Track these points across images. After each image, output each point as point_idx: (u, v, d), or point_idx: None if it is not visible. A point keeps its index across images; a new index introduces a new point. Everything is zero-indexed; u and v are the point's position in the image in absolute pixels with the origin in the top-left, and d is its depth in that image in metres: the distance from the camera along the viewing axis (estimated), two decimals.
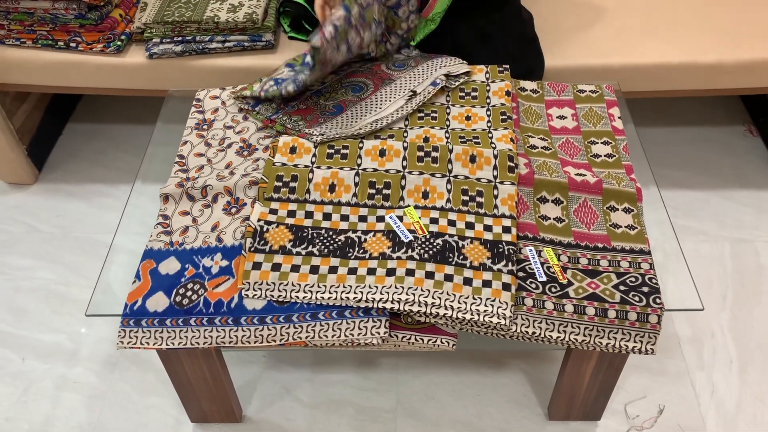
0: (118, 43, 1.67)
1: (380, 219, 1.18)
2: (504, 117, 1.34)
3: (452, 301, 1.06)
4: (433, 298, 1.06)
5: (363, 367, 1.55)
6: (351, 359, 1.56)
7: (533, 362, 1.55)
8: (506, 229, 1.14)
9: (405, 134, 1.32)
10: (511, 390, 1.50)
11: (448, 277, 1.09)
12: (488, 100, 1.39)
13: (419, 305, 1.06)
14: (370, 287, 1.08)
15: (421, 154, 1.25)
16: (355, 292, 1.08)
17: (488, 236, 1.14)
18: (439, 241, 1.13)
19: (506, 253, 1.11)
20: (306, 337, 1.08)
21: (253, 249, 1.14)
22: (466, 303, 1.06)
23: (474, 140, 1.29)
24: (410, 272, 1.09)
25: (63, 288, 1.73)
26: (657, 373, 1.52)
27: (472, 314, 1.05)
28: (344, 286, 1.09)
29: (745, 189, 1.93)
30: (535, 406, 1.47)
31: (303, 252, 1.14)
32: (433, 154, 1.25)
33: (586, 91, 1.45)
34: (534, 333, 1.08)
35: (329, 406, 1.48)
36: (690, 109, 2.18)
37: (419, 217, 1.16)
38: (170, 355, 1.23)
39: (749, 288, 1.69)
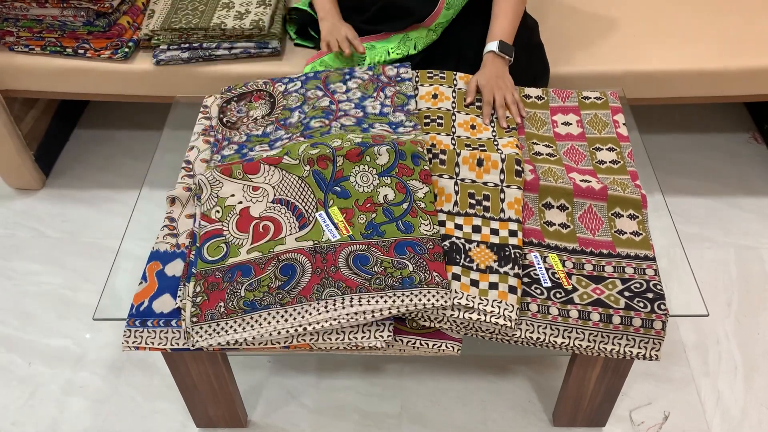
0: (126, 49, 1.68)
1: None
2: (508, 128, 1.35)
3: (460, 299, 1.06)
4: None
5: (368, 373, 1.55)
6: (356, 365, 1.57)
7: (538, 368, 1.55)
8: (512, 233, 1.15)
9: None
10: (516, 396, 1.50)
11: (456, 277, 1.09)
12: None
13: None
14: None
15: (429, 156, 1.26)
16: None
17: (495, 240, 1.15)
18: (446, 242, 1.14)
19: (513, 256, 1.12)
20: (310, 340, 1.09)
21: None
22: (473, 302, 1.06)
23: (480, 148, 1.29)
24: None
25: (70, 293, 1.74)
26: (662, 379, 1.52)
27: (479, 314, 1.05)
28: None
29: (749, 196, 1.93)
30: (539, 412, 1.47)
31: None
32: (441, 156, 1.26)
33: (590, 98, 1.46)
34: (539, 338, 1.08)
35: (334, 412, 1.48)
36: (694, 116, 2.18)
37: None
38: (176, 359, 1.24)
39: (754, 295, 1.69)
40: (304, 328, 1.06)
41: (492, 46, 1.45)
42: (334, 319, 1.05)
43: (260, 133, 1.36)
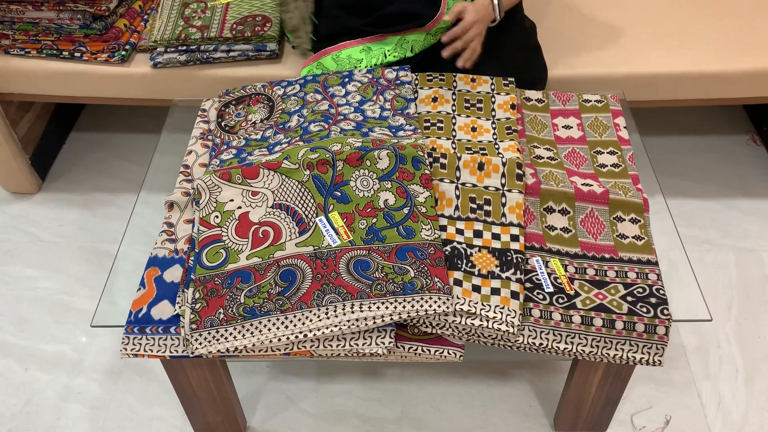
0: (123, 52, 1.67)
1: None
2: (510, 131, 1.34)
3: (462, 305, 1.05)
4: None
5: (368, 378, 1.54)
6: (356, 369, 1.56)
7: (539, 373, 1.54)
8: (514, 238, 1.14)
9: None
10: (517, 401, 1.49)
11: (457, 282, 1.08)
12: (493, 113, 1.39)
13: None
14: None
15: (430, 160, 1.25)
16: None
17: (496, 244, 1.14)
18: (448, 247, 1.13)
19: (514, 261, 1.11)
20: (311, 347, 1.08)
21: None
22: (475, 307, 1.06)
23: (481, 151, 1.29)
24: None
25: (66, 298, 1.72)
26: (663, 383, 1.51)
27: (481, 320, 1.05)
28: None
29: (749, 198, 1.93)
30: (540, 417, 1.47)
31: None
32: (442, 160, 1.25)
33: (591, 101, 1.45)
34: (541, 344, 1.07)
35: (334, 417, 1.48)
36: (693, 118, 2.18)
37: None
38: (174, 365, 1.23)
39: (754, 297, 1.68)
40: (305, 335, 1.05)
41: None
42: (335, 326, 1.04)
43: (259, 137, 1.35)
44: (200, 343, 1.05)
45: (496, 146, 1.30)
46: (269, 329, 1.05)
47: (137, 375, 1.56)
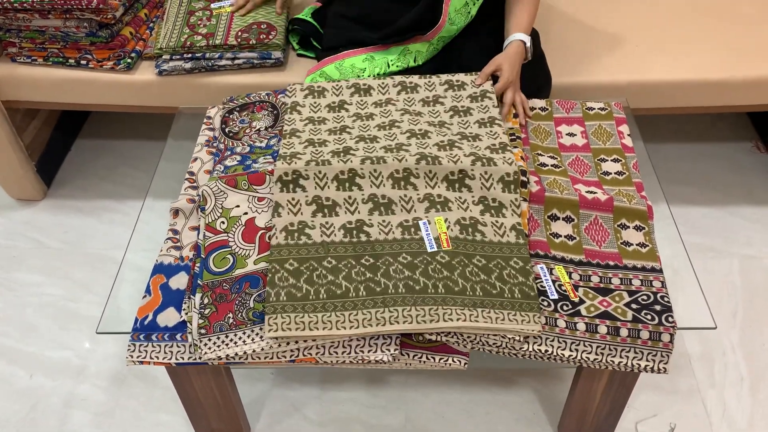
0: (128, 60, 1.68)
1: None
2: (513, 137, 1.35)
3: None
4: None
5: (372, 385, 1.54)
6: (360, 377, 1.56)
7: (543, 380, 1.54)
8: None
9: None
10: (521, 408, 1.49)
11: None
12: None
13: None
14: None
15: None
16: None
17: None
18: None
19: None
20: (316, 354, 1.08)
21: None
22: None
23: None
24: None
25: (71, 304, 1.73)
26: (668, 391, 1.51)
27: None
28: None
29: (752, 205, 1.93)
30: (545, 425, 1.46)
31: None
32: None
33: (594, 109, 1.46)
34: (546, 351, 1.07)
35: (338, 424, 1.47)
36: (697, 125, 2.18)
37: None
38: (179, 372, 1.23)
39: (759, 305, 1.68)
40: (314, 340, 1.05)
41: (523, 36, 1.43)
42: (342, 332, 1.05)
43: (264, 145, 1.35)
44: (209, 348, 1.05)
45: None
46: None
47: (141, 381, 1.56)
